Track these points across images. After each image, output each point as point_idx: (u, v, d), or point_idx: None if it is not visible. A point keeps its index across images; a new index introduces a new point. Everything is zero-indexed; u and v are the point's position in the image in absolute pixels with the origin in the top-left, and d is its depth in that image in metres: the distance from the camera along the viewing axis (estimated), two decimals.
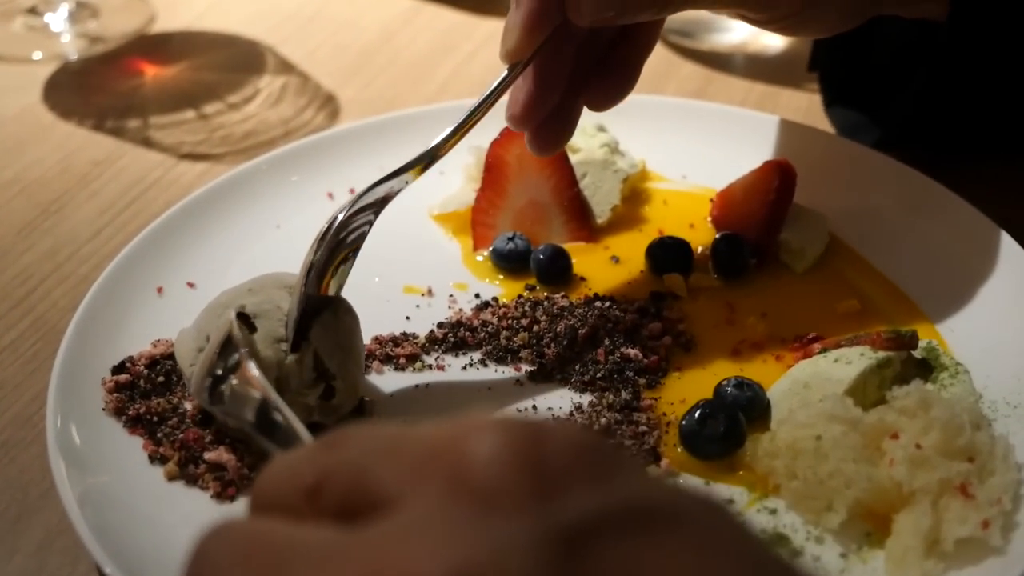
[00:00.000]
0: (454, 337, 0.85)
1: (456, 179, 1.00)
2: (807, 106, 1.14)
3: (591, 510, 0.34)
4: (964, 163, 1.00)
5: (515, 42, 0.79)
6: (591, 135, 0.99)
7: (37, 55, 1.25)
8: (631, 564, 0.33)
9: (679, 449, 0.75)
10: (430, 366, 0.83)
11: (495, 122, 0.93)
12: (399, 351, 0.84)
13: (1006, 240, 0.86)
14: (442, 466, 0.36)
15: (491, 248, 0.92)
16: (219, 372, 0.71)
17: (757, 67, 1.22)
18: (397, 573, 0.33)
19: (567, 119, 0.85)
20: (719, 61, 1.23)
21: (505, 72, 0.81)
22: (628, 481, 0.36)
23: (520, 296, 0.89)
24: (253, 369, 0.69)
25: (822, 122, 1.09)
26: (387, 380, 0.82)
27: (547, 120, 0.83)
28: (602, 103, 0.86)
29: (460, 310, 0.88)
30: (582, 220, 0.95)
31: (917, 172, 0.94)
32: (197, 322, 0.78)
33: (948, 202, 0.91)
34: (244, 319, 0.75)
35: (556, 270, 0.90)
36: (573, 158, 0.95)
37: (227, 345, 0.72)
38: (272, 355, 0.74)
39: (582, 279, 0.91)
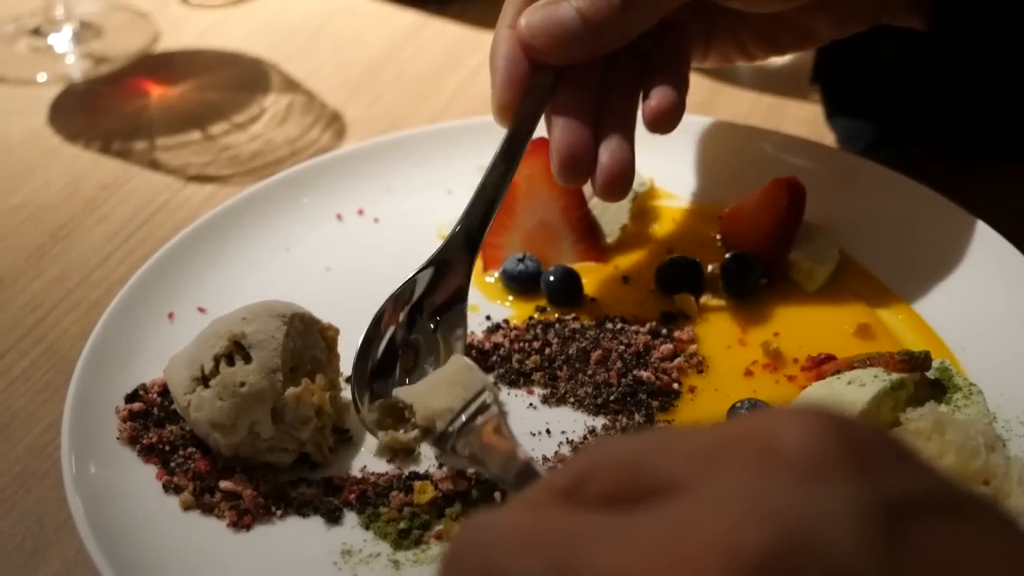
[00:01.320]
0: None
1: (465, 197, 0.99)
2: (813, 118, 1.14)
3: (909, 490, 0.34)
4: (976, 174, 1.00)
5: (498, 96, 0.82)
6: None
7: (42, 77, 1.25)
8: (950, 547, 0.33)
9: None
10: None
11: (489, 143, 0.93)
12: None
13: (1018, 259, 0.86)
14: (743, 449, 0.36)
15: (501, 269, 0.92)
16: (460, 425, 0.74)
17: (763, 79, 1.22)
18: (718, 541, 0.32)
19: (623, 154, 0.82)
20: (725, 73, 1.23)
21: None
22: (930, 469, 0.36)
23: (531, 318, 0.89)
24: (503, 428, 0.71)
25: (829, 135, 1.09)
26: None
27: (608, 158, 0.81)
28: (656, 120, 0.83)
29: (472, 332, 0.88)
30: (592, 240, 0.95)
31: (928, 189, 0.94)
32: (189, 349, 0.78)
33: (959, 220, 0.91)
34: (239, 348, 0.75)
35: (567, 292, 0.90)
36: None
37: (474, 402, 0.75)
38: (268, 385, 0.74)
39: (592, 300, 0.91)
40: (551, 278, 0.91)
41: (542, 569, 0.35)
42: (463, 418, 0.74)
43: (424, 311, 0.84)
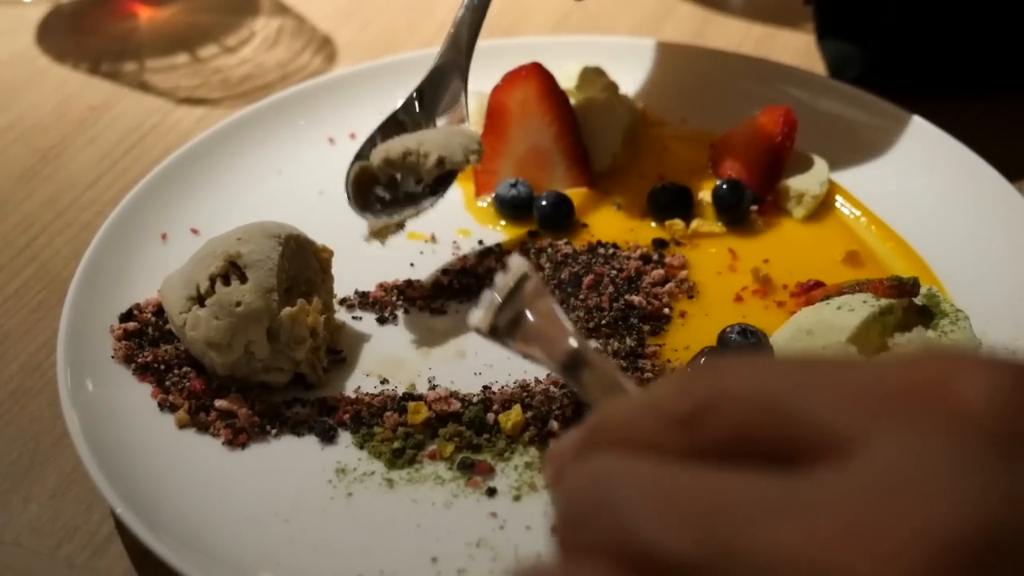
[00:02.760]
0: (459, 284, 0.86)
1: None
2: (805, 47, 1.14)
3: None
4: (965, 104, 1.00)
5: None
6: (591, 80, 0.99)
7: None
8: None
9: None
10: (434, 310, 0.84)
11: (496, 68, 0.94)
12: (412, 293, 0.85)
13: (1006, 188, 0.87)
14: (918, 403, 0.31)
15: (494, 194, 0.92)
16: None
17: (754, 7, 1.21)
18: (922, 531, 0.28)
19: None
20: (715, 1, 1.22)
21: None
22: None
23: (523, 243, 0.89)
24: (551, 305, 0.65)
25: (819, 64, 1.09)
26: (391, 327, 0.83)
27: None
28: None
29: (464, 257, 0.88)
30: (583, 166, 0.95)
31: (918, 117, 0.94)
32: (184, 269, 0.78)
33: (947, 148, 0.91)
34: (235, 268, 0.75)
35: (559, 217, 0.91)
36: (574, 103, 0.95)
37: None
38: (263, 305, 0.75)
39: (584, 225, 0.91)
40: (543, 203, 0.91)
41: (696, 544, 0.31)
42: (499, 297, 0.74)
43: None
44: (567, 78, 0.98)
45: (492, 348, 0.80)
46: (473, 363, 0.80)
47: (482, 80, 0.96)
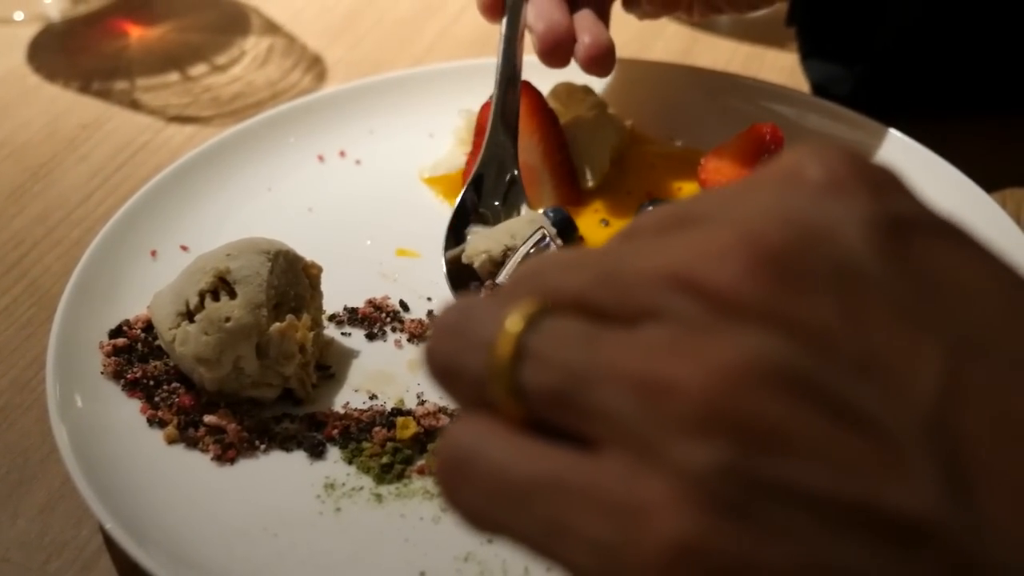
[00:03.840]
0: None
1: (446, 142, 1.00)
2: (791, 66, 1.15)
3: (916, 213, 0.36)
4: (951, 125, 1.01)
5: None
6: (580, 98, 1.00)
7: (19, 16, 1.24)
8: (948, 262, 0.35)
9: None
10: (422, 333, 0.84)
11: (484, 85, 0.94)
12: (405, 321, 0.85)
13: (989, 204, 0.88)
14: (765, 182, 0.37)
15: None
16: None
17: (742, 27, 1.22)
18: (740, 237, 0.34)
19: (600, 30, 0.91)
20: (704, 22, 1.23)
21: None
22: (932, 204, 0.38)
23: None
24: None
25: (805, 83, 1.10)
26: (380, 343, 0.84)
27: (588, 37, 0.89)
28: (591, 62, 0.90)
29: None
30: (571, 183, 0.95)
31: (903, 135, 0.95)
32: (174, 285, 0.78)
33: (932, 166, 0.92)
34: (224, 283, 0.76)
35: (564, 238, 0.90)
36: (563, 121, 0.96)
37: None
38: (252, 321, 0.75)
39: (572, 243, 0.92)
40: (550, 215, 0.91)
41: (590, 278, 0.36)
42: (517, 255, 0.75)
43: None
44: (555, 96, 0.99)
45: None
46: None
47: (472, 98, 0.96)
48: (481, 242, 0.87)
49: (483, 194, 0.92)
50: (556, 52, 0.89)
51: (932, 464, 0.32)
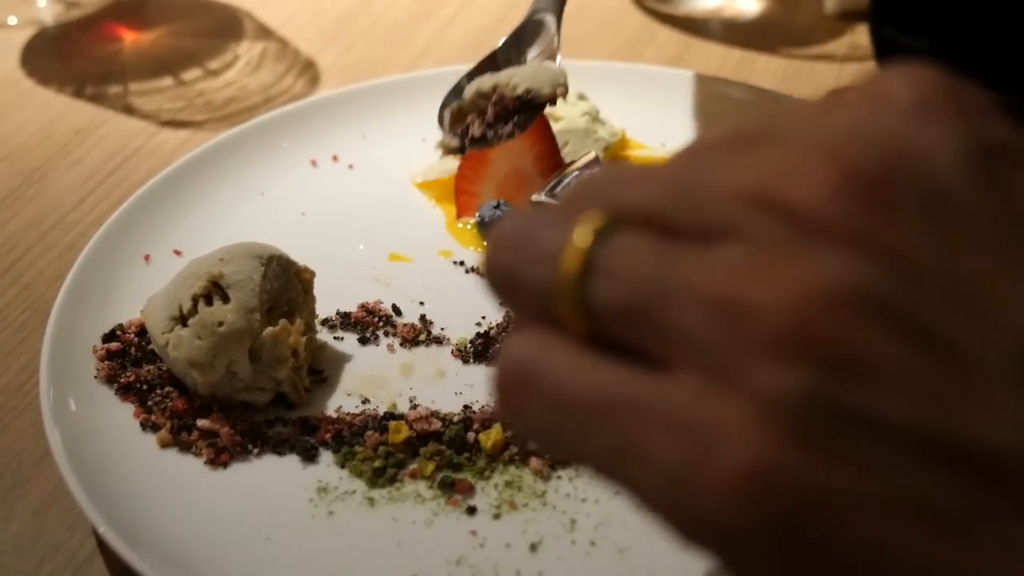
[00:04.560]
0: (437, 305, 0.87)
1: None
2: (783, 71, 1.15)
3: (1008, 140, 0.35)
4: None
5: None
6: (572, 104, 1.00)
7: (12, 20, 1.24)
8: None
9: None
10: (429, 336, 0.85)
11: None
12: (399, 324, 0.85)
13: None
14: (849, 101, 0.36)
15: (476, 216, 0.93)
16: None
17: (733, 32, 1.23)
18: (827, 154, 0.33)
19: None
20: (695, 26, 1.24)
21: None
22: (1006, 124, 0.36)
23: None
24: None
25: (797, 88, 1.11)
26: (372, 347, 0.84)
27: None
28: None
29: (445, 277, 0.89)
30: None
31: None
32: (167, 289, 0.79)
33: None
34: (217, 288, 0.76)
35: None
36: (555, 126, 0.97)
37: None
38: (245, 325, 0.75)
39: None
40: None
41: (662, 193, 0.35)
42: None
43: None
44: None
45: (473, 369, 0.82)
46: (454, 383, 0.80)
47: None
48: (477, 79, 0.90)
49: (519, 48, 0.94)
50: None
51: (1021, 399, 0.31)
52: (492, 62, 0.94)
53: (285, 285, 0.79)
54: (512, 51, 0.94)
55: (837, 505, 0.31)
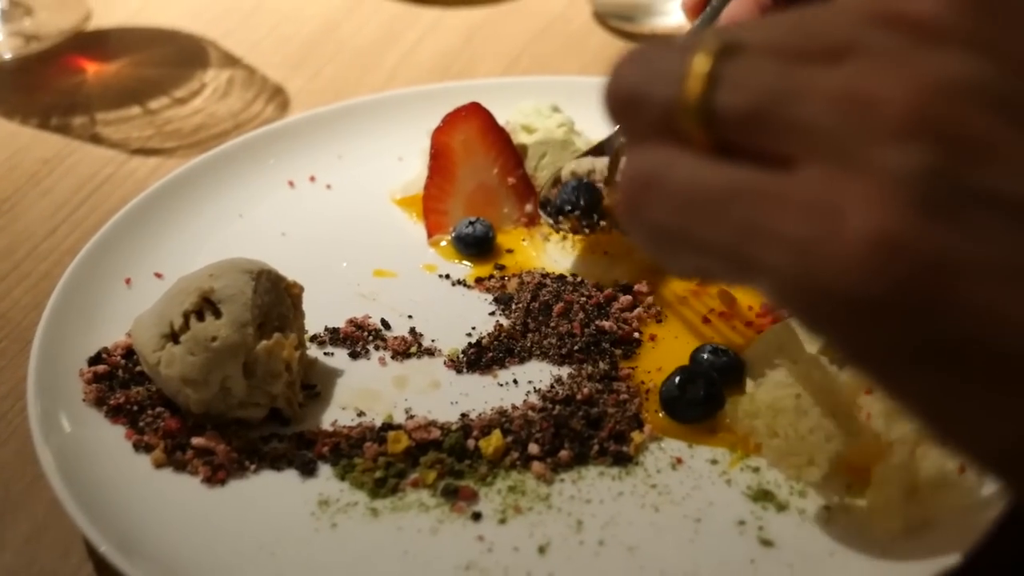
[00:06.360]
0: (427, 318, 0.86)
1: (415, 163, 1.00)
2: None
3: None
4: None
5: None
6: (547, 116, 1.00)
7: None
8: None
9: (660, 415, 0.77)
10: (420, 348, 0.84)
11: (438, 110, 0.94)
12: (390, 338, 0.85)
13: None
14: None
15: (453, 234, 0.93)
16: None
17: None
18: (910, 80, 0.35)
19: None
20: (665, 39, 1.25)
21: None
22: None
23: (491, 276, 0.90)
24: None
25: None
26: (363, 361, 0.83)
27: None
28: None
29: (431, 290, 0.89)
30: (530, 200, 0.95)
31: None
32: (156, 308, 0.78)
33: None
34: (208, 303, 0.75)
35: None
36: (532, 138, 0.97)
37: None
38: (239, 339, 0.74)
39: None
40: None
41: (782, 27, 0.38)
42: None
43: None
44: (523, 115, 0.99)
45: (467, 378, 0.81)
46: (448, 393, 0.80)
47: (435, 123, 0.96)
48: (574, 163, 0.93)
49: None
50: None
51: None
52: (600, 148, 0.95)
53: (276, 299, 0.79)
54: (616, 139, 0.94)
55: (959, 271, 0.33)
